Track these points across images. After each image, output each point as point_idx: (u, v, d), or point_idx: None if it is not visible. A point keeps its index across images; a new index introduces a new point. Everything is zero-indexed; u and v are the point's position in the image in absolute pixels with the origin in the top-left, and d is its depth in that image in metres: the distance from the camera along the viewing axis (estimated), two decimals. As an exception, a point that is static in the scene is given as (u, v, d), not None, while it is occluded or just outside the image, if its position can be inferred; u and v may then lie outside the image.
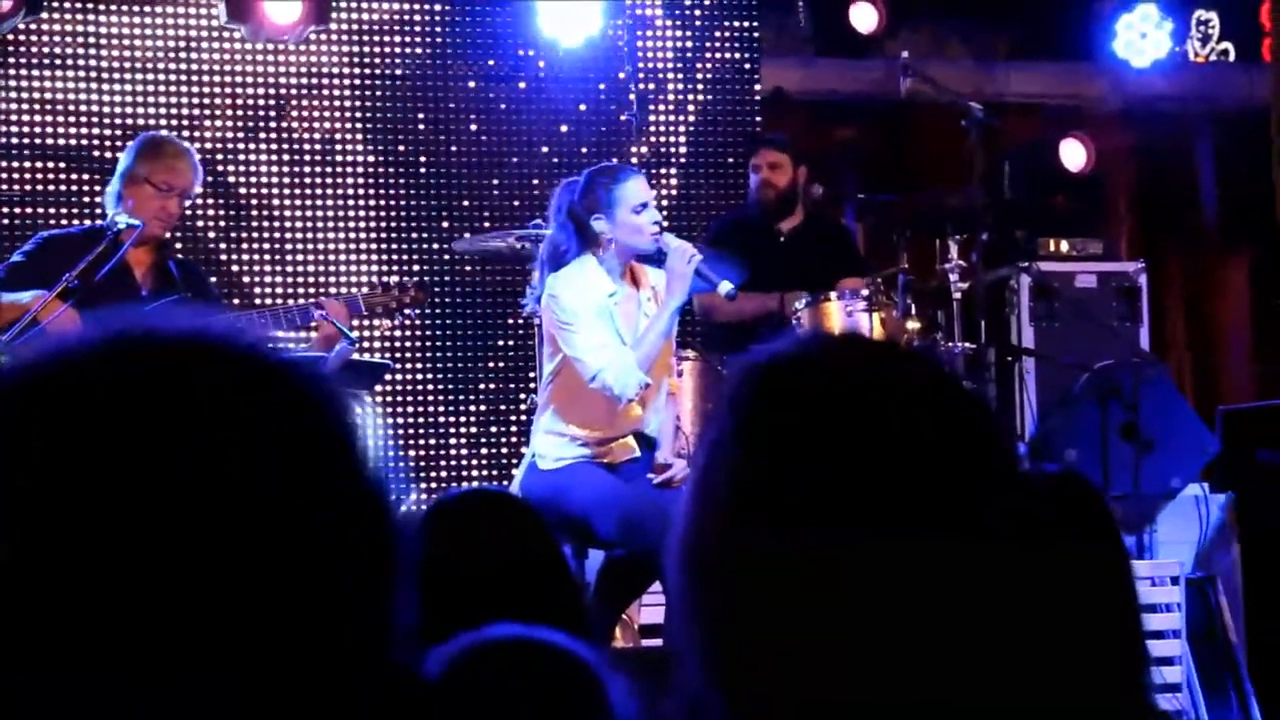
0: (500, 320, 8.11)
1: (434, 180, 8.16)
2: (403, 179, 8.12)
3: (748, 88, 8.61)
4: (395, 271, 7.94)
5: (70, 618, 0.96)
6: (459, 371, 8.13)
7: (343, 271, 8.00)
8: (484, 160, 8.20)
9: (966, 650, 1.25)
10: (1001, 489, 1.29)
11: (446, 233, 8.06)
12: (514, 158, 8.23)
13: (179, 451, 0.99)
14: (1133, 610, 2.43)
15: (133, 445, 0.99)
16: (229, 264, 7.90)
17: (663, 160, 8.37)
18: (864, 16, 8.76)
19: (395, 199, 8.11)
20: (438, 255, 8.09)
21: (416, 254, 8.10)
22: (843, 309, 6.87)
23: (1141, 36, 9.53)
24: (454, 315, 8.12)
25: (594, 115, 8.27)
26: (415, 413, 8.05)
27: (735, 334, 6.98)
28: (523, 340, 7.96)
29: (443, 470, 8.06)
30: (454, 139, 8.20)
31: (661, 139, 8.40)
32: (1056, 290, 8.08)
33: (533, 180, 8.17)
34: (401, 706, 1.08)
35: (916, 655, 1.24)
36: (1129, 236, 9.59)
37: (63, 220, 7.41)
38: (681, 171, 8.46)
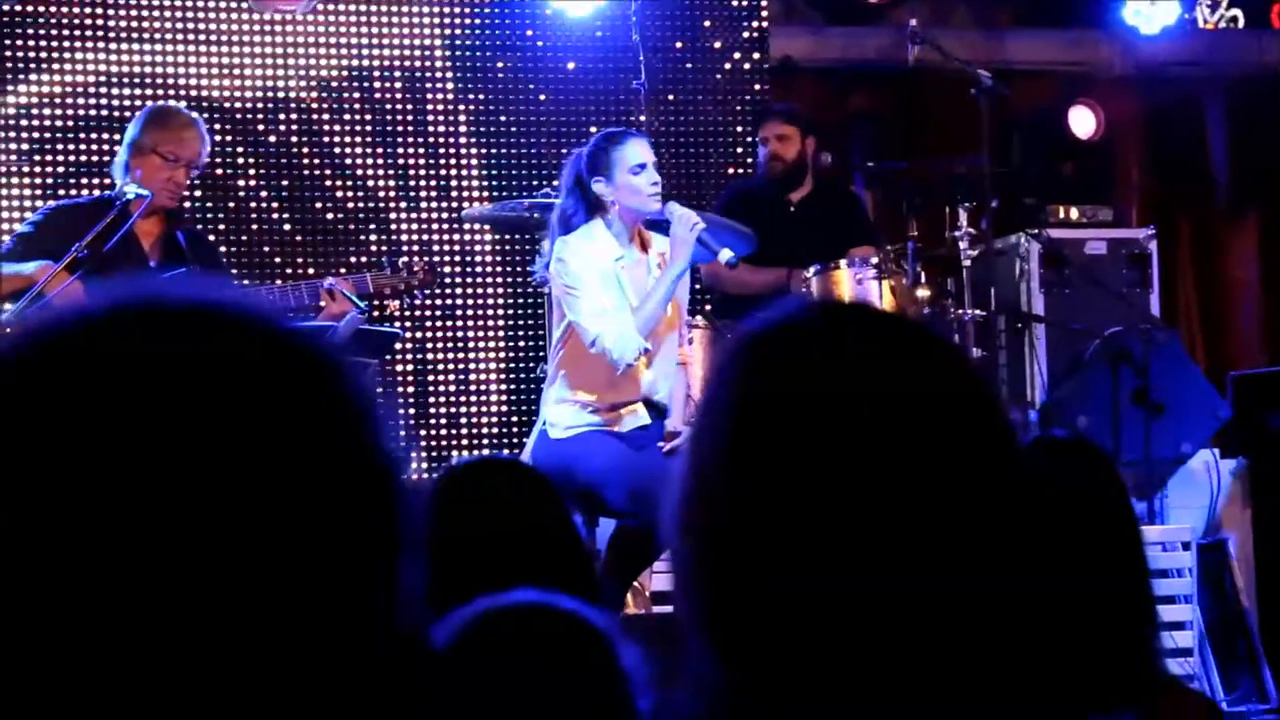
0: (510, 289, 8.11)
1: (445, 149, 8.14)
2: (413, 146, 8.10)
3: (757, 56, 8.57)
4: (406, 241, 7.93)
5: (72, 583, 0.97)
6: (470, 340, 8.12)
7: (354, 241, 7.98)
8: (490, 129, 8.18)
9: (967, 612, 1.25)
10: (995, 448, 1.29)
11: (456, 201, 8.05)
12: (519, 126, 8.20)
13: (185, 420, 0.99)
14: (1143, 575, 2.44)
15: (140, 413, 0.99)
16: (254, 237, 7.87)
17: (671, 129, 8.35)
18: (871, -16, 8.74)
19: (404, 168, 8.09)
20: (449, 224, 8.08)
21: (427, 221, 8.08)
22: (852, 277, 6.88)
23: (1150, 3, 9.49)
24: (464, 284, 8.12)
25: (602, 84, 8.24)
26: (426, 381, 8.05)
27: (746, 303, 6.98)
28: (533, 309, 7.96)
29: (453, 439, 8.06)
30: (462, 108, 8.18)
31: (670, 108, 8.37)
32: (1066, 257, 8.07)
33: (540, 149, 8.15)
34: (412, 674, 1.08)
35: (917, 620, 1.24)
36: (1139, 203, 9.56)
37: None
38: (690, 141, 8.44)
